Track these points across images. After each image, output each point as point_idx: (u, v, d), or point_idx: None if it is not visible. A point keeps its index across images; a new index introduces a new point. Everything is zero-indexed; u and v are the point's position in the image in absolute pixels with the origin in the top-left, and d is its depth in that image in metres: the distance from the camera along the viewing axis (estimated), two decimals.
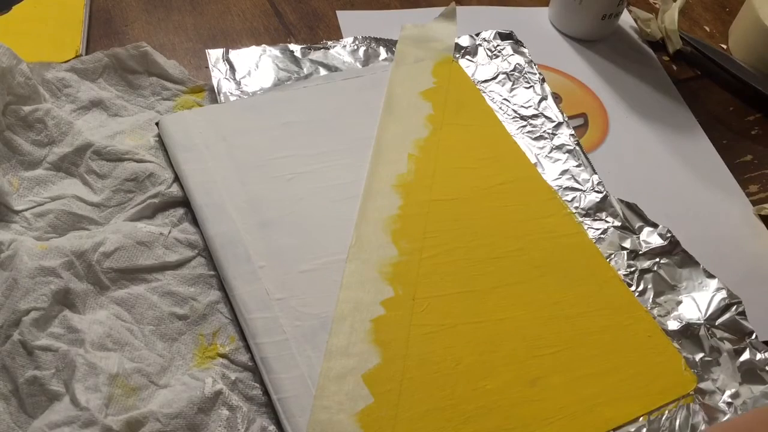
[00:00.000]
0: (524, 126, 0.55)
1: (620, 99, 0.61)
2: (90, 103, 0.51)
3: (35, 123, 0.48)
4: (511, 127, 0.55)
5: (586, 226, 0.50)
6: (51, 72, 0.52)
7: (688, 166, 0.56)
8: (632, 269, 0.48)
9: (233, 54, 0.56)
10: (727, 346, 0.44)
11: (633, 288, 0.47)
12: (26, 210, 0.45)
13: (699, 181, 0.55)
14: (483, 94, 0.57)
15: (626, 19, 0.68)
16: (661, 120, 0.60)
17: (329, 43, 0.59)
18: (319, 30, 0.62)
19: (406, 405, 0.39)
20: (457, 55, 0.60)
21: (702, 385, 0.42)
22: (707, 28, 0.70)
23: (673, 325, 0.45)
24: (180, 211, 0.47)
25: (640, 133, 0.58)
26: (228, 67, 0.55)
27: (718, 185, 0.55)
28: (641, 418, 0.41)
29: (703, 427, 0.41)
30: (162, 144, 0.50)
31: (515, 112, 0.56)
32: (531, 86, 0.58)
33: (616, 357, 0.43)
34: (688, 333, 0.45)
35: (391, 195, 0.49)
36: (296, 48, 0.57)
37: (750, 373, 0.43)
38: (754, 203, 0.55)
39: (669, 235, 0.49)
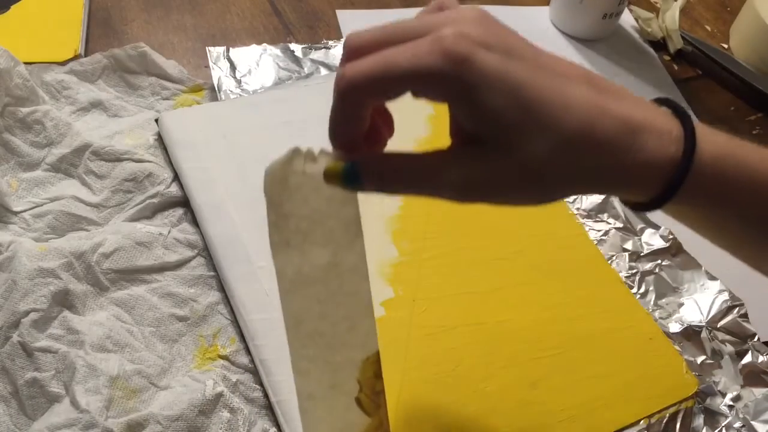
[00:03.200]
0: None
1: None
2: (89, 105, 0.51)
3: (33, 124, 0.48)
4: None
5: (587, 228, 0.49)
6: (50, 74, 0.51)
7: None
8: (634, 271, 0.47)
9: (234, 52, 0.56)
10: (729, 348, 0.44)
11: (634, 290, 0.47)
12: (25, 211, 0.45)
13: None
14: None
15: (627, 19, 0.68)
16: None
17: (330, 42, 0.59)
18: (318, 29, 0.61)
19: (407, 406, 0.39)
20: None
21: (703, 388, 0.42)
22: (708, 28, 0.70)
23: (674, 327, 0.45)
24: (179, 211, 0.47)
25: None
26: (229, 64, 0.55)
27: None
28: (642, 422, 0.40)
29: (704, 431, 0.41)
30: (161, 142, 0.50)
31: None
32: None
33: (617, 359, 0.43)
34: (690, 335, 0.45)
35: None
36: (297, 47, 0.57)
37: (752, 376, 0.43)
38: None
39: (671, 236, 0.49)
